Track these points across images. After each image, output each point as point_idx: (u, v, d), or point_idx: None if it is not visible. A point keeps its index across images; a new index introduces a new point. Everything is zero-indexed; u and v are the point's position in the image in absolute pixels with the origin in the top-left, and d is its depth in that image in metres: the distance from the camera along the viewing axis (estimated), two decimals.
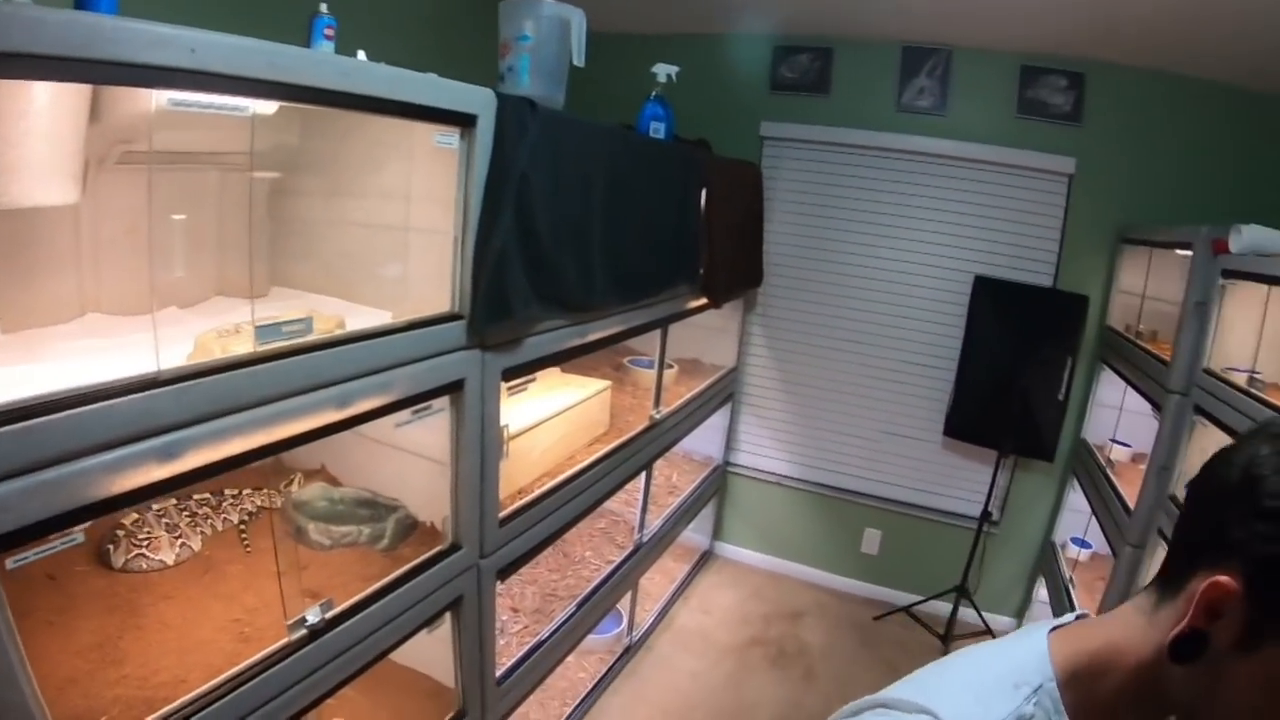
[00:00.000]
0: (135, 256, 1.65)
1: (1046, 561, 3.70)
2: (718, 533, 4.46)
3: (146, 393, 1.10)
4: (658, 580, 3.91)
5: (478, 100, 1.61)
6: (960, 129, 3.56)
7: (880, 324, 3.85)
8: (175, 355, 1.25)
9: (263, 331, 1.34)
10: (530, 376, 2.02)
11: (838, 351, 3.96)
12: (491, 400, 1.84)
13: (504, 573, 2.09)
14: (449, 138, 1.61)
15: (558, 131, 1.84)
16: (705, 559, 4.39)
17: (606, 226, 2.14)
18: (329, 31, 1.58)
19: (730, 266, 3.22)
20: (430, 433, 1.80)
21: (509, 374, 1.90)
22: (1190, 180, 3.32)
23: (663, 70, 2.82)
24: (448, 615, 1.92)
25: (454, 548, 1.86)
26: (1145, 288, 3.05)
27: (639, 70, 2.89)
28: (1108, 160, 3.42)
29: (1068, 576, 3.28)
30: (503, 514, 2.02)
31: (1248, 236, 2.20)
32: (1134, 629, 0.71)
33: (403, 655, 2.02)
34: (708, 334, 3.94)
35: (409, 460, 1.90)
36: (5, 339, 1.45)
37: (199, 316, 1.72)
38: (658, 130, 2.80)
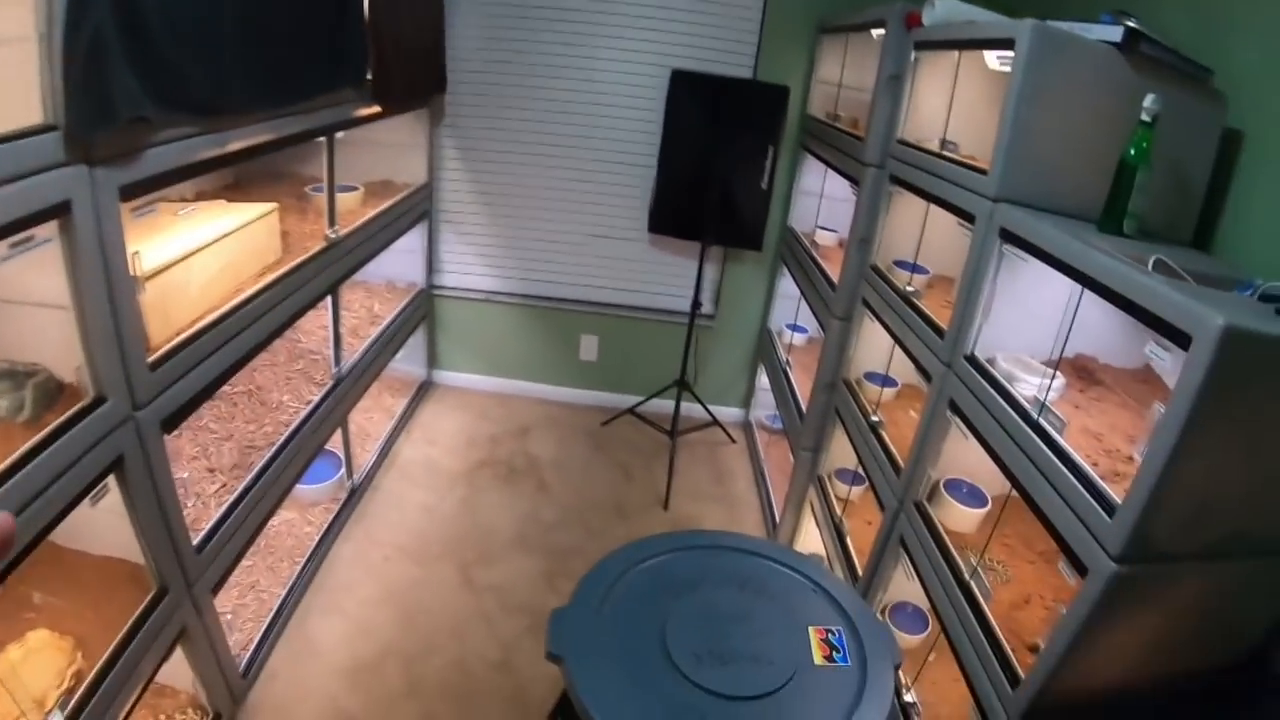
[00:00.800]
0: None
1: (765, 350, 3.87)
2: (433, 361, 4.22)
3: None
4: (377, 418, 3.64)
5: None
6: None
7: (578, 126, 3.64)
8: None
9: None
10: (158, 194, 1.63)
11: (536, 158, 3.72)
12: (110, 224, 1.46)
13: (170, 423, 1.77)
14: None
15: None
16: (424, 389, 4.16)
17: (240, 17, 1.74)
18: None
19: (404, 70, 2.82)
20: (60, 275, 1.43)
21: (130, 192, 1.52)
22: None
23: None
24: (113, 482, 1.62)
25: (98, 401, 1.54)
26: (843, 76, 3.06)
27: None
28: None
29: (785, 360, 3.42)
30: (153, 357, 1.69)
31: (940, 8, 2.18)
32: None
33: (90, 542, 1.80)
34: (397, 151, 3.52)
35: (44, 314, 1.52)
36: None
37: None
38: None
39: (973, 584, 1.67)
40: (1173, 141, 1.59)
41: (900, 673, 1.80)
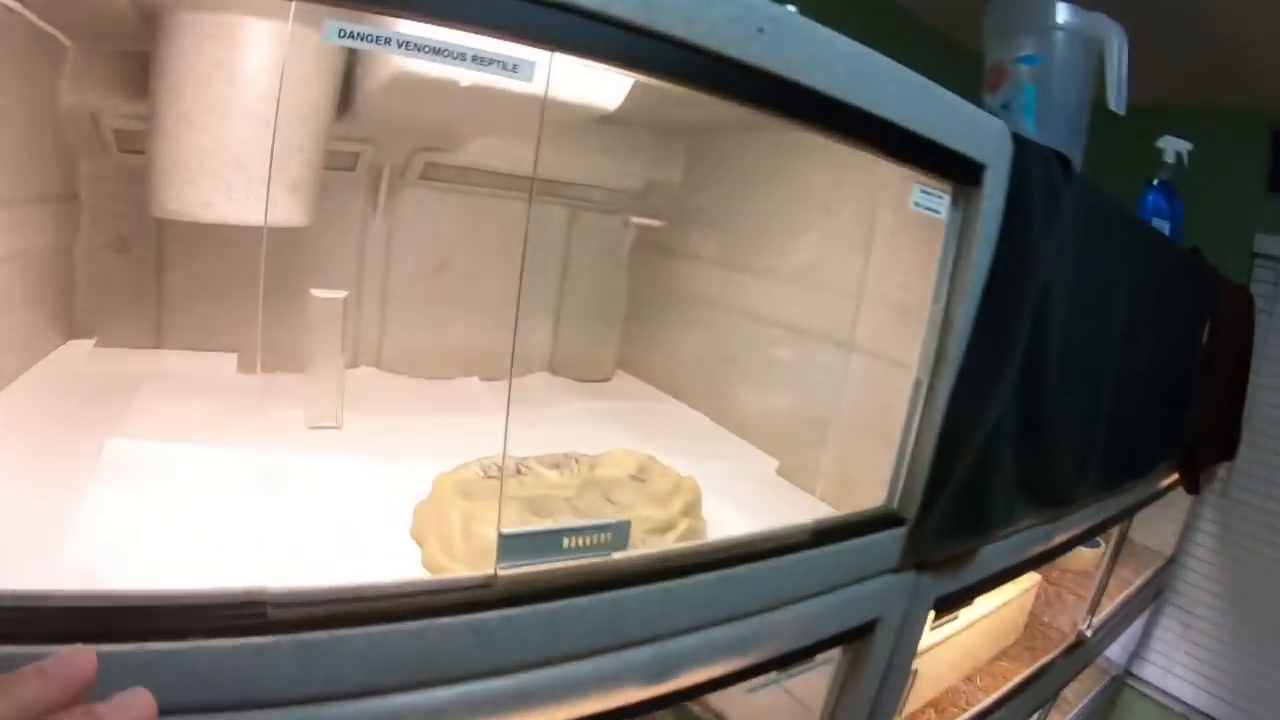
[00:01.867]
0: (432, 305, 1.26)
1: None
2: None
3: (243, 639, 0.50)
4: None
5: (989, 139, 0.86)
6: None
7: None
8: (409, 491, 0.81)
9: (509, 547, 0.62)
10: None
11: None
12: (908, 641, 1.09)
13: None
14: (936, 199, 0.86)
15: (1090, 213, 1.07)
16: None
17: (1115, 371, 1.33)
18: None
19: (1211, 438, 2.28)
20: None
21: (943, 604, 1.15)
22: None
23: (1172, 147, 1.94)
24: None
25: None
26: None
27: (1134, 145, 2.02)
28: None
29: None
30: None
31: None
32: None
33: None
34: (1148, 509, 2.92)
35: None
36: (250, 380, 1.07)
37: (499, 398, 1.16)
38: (1161, 230, 1.92)
39: None
40: None
41: None
